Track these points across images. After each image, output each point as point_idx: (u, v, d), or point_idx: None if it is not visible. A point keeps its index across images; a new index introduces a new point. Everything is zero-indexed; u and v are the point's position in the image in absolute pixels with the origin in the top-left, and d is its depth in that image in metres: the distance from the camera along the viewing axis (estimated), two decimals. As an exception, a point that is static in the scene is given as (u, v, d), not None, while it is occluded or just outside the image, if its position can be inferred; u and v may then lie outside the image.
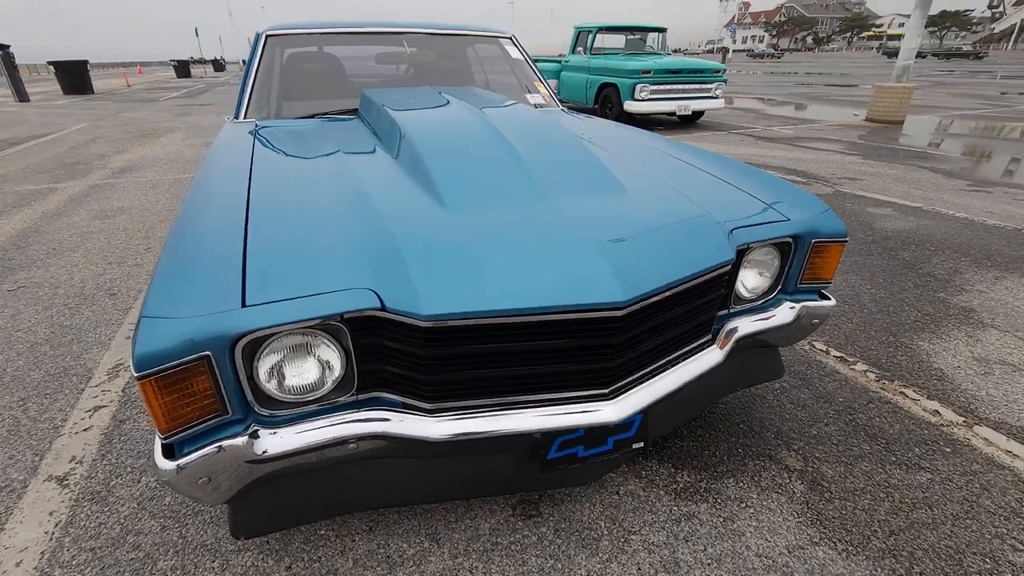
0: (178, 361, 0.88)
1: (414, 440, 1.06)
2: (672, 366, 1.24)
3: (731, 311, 1.43)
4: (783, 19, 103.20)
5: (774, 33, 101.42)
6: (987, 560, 1.25)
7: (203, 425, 0.97)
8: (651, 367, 1.21)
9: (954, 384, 1.90)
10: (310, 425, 1.04)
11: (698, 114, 8.66)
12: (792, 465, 1.54)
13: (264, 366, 1.00)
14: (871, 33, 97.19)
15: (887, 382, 1.92)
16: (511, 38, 2.79)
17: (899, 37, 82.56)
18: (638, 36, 9.10)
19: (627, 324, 1.08)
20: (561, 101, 2.74)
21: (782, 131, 7.90)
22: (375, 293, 0.99)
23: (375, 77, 2.52)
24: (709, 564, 1.24)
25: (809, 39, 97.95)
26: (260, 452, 0.99)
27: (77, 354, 2.12)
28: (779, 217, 1.40)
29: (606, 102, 8.12)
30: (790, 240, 1.40)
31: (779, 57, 55.31)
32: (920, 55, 44.21)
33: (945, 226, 3.59)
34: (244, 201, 1.27)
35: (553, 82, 3.01)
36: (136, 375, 0.86)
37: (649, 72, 7.50)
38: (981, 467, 1.52)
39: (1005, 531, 1.32)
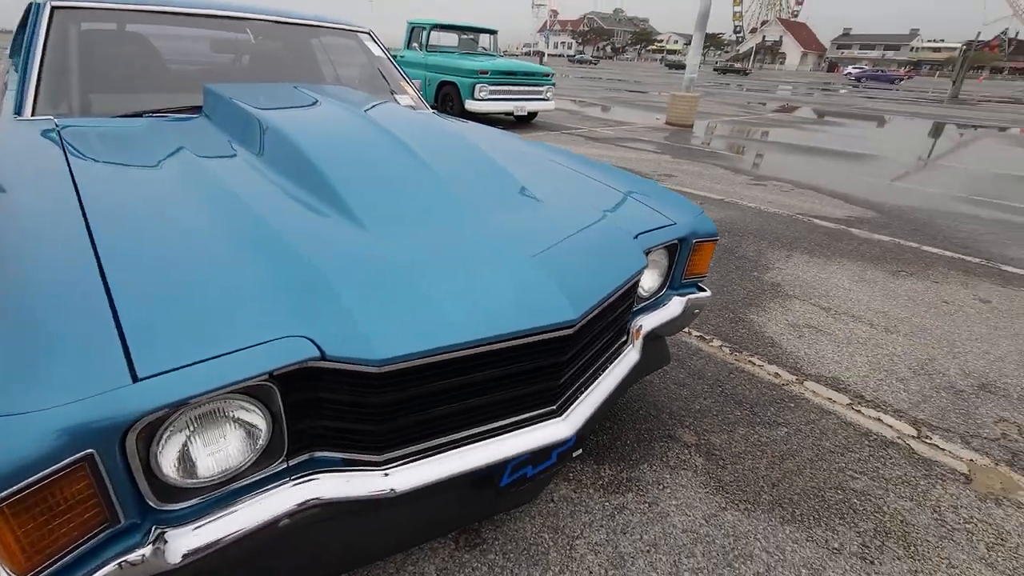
0: (50, 470, 0.64)
1: (369, 501, 0.93)
2: (602, 371, 1.29)
3: (635, 310, 1.54)
4: (586, 28, 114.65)
5: (580, 41, 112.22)
6: (839, 491, 1.56)
7: (84, 547, 0.72)
8: (586, 376, 1.25)
9: (782, 349, 2.33)
10: (234, 509, 0.84)
11: (532, 115, 9.16)
12: (688, 441, 1.73)
13: (167, 452, 0.78)
14: (655, 47, 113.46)
15: (738, 353, 2.27)
16: (369, 33, 2.60)
17: (676, 52, 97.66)
18: (470, 36, 9.25)
19: (575, 340, 1.09)
20: None
21: (605, 132, 8.78)
22: (310, 340, 0.84)
23: (209, 68, 2.13)
24: (648, 551, 1.33)
25: (608, 48, 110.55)
26: (177, 560, 0.77)
27: None
28: (667, 221, 1.55)
29: (446, 100, 8.11)
30: (677, 242, 1.55)
31: (596, 64, 61.13)
32: (716, 70, 52.80)
33: (744, 215, 4.37)
34: (80, 232, 0.97)
35: (417, 82, 2.89)
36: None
37: (487, 73, 7.69)
38: (816, 415, 1.90)
39: (844, 464, 1.67)
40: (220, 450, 0.84)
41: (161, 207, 1.11)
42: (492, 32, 9.49)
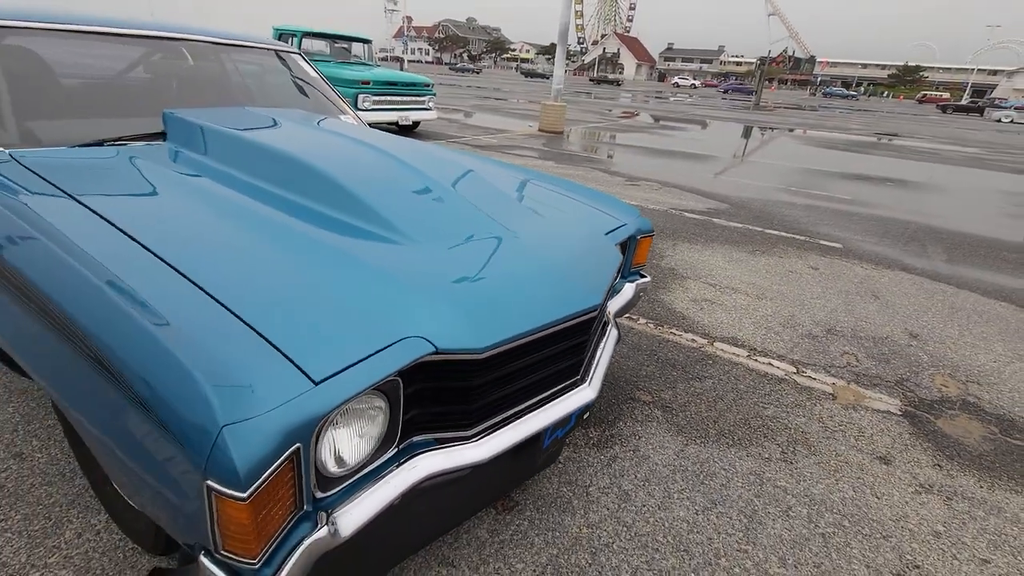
0: (277, 463, 0.76)
1: (466, 467, 1.12)
2: (599, 346, 1.60)
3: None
4: (442, 36, 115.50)
5: (437, 48, 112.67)
6: (758, 419, 2.06)
7: (284, 532, 0.83)
8: (591, 351, 1.55)
9: (691, 320, 2.87)
10: (369, 492, 0.99)
11: (416, 124, 9.25)
12: (645, 399, 2.12)
13: (326, 444, 0.91)
14: (509, 55, 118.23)
15: (661, 327, 2.75)
16: (299, 53, 2.62)
17: (529, 60, 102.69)
18: (343, 45, 9.06)
19: (596, 321, 1.38)
20: None
21: (488, 140, 9.20)
22: (425, 339, 1.02)
23: (144, 91, 2.03)
24: (643, 484, 1.67)
25: (466, 56, 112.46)
26: (347, 534, 0.91)
27: None
28: (620, 223, 1.91)
29: (326, 111, 7.87)
30: (627, 239, 1.93)
31: (479, 72, 60.50)
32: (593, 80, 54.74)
33: (630, 212, 5.03)
34: (157, 265, 1.02)
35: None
36: (244, 496, 0.71)
37: (369, 83, 7.64)
38: (729, 367, 2.42)
39: (756, 399, 2.18)
40: (356, 441, 0.98)
41: (216, 234, 1.17)
42: (366, 41, 9.39)
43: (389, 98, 8.07)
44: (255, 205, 1.33)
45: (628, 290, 1.97)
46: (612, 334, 1.68)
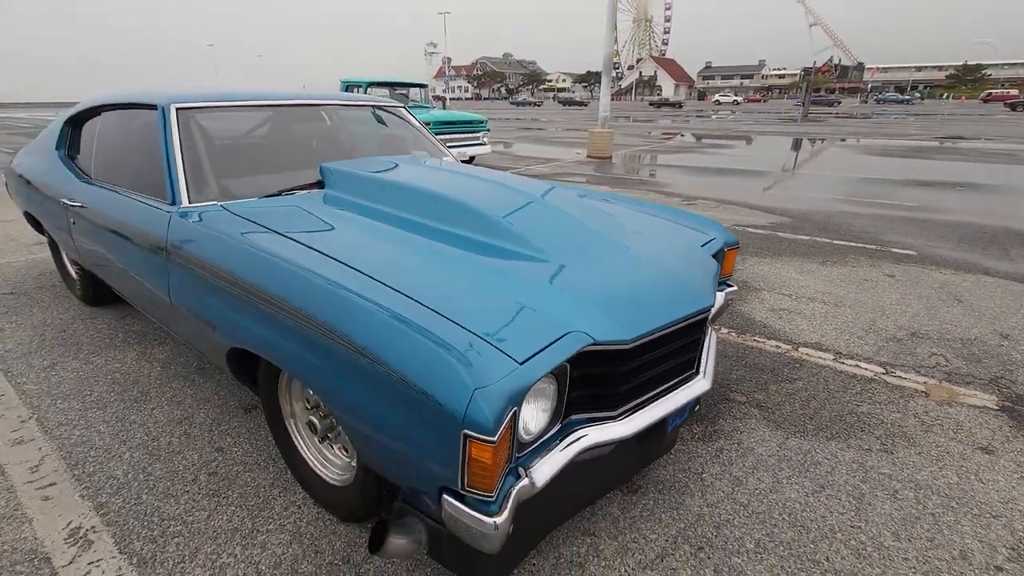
0: (508, 416, 1.02)
1: (616, 441, 1.35)
2: (705, 344, 1.81)
3: None
4: (480, 72, 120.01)
5: (475, 84, 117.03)
6: (853, 415, 2.17)
7: (503, 477, 1.09)
8: (700, 348, 1.75)
9: (772, 328, 3.00)
10: (550, 455, 1.23)
11: (472, 158, 9.79)
12: (740, 400, 2.28)
13: (523, 413, 1.17)
14: (546, 86, 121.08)
15: (743, 335, 2.90)
16: (405, 107, 3.03)
17: (565, 89, 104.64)
18: (402, 91, 9.80)
19: (707, 319, 1.59)
20: None
21: (541, 169, 9.60)
22: (584, 332, 1.27)
23: (297, 148, 2.45)
24: (752, 471, 1.83)
25: (503, 89, 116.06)
26: (540, 485, 1.15)
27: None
28: (709, 237, 2.12)
29: (393, 152, 8.51)
30: (718, 251, 2.13)
31: (539, 104, 61.63)
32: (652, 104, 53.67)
33: (693, 230, 5.18)
34: (372, 283, 1.32)
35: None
36: (494, 440, 0.98)
37: (430, 124, 8.23)
38: (816, 370, 2.54)
39: (848, 398, 2.30)
40: (538, 415, 1.24)
41: (399, 257, 1.47)
42: (423, 86, 10.12)
43: (448, 136, 8.63)
44: (415, 236, 1.65)
45: (719, 298, 2.16)
46: (712, 335, 1.88)
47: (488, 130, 9.60)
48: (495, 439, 0.98)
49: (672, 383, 1.55)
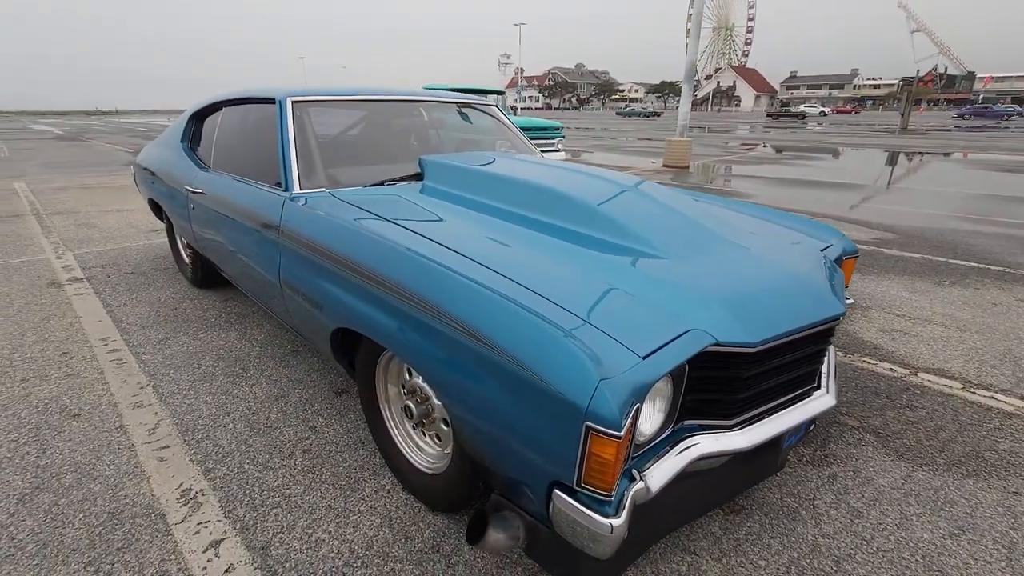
0: (631, 415, 0.95)
1: (731, 453, 1.24)
2: (826, 358, 1.64)
3: None
4: (551, 83, 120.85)
5: (547, 94, 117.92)
6: (993, 452, 1.90)
7: (619, 478, 1.02)
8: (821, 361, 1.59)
9: (884, 349, 2.72)
10: (664, 459, 1.15)
11: (546, 165, 9.81)
12: (853, 424, 2.07)
13: (642, 412, 1.09)
14: (618, 96, 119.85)
15: (851, 355, 2.64)
16: (497, 106, 3.05)
17: (637, 100, 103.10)
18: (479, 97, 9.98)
19: (835, 329, 1.44)
20: None
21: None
22: (707, 332, 1.18)
23: (397, 142, 2.52)
24: (874, 504, 1.64)
25: (574, 100, 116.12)
26: (652, 492, 1.07)
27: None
28: (827, 243, 1.94)
29: (469, 156, 8.68)
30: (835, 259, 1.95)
31: (659, 115, 56.59)
32: (770, 115, 47.70)
33: (784, 243, 4.85)
34: (487, 269, 1.30)
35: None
36: (620, 435, 0.91)
37: (508, 129, 8.32)
38: (942, 398, 2.26)
39: (985, 432, 2.02)
40: (654, 416, 1.16)
41: (510, 249, 1.45)
42: (500, 93, 10.26)
43: (525, 142, 8.68)
44: (521, 228, 1.62)
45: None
46: (831, 349, 1.71)
47: (563, 136, 9.57)
48: (620, 434, 0.92)
49: (792, 396, 1.41)
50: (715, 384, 1.24)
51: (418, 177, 2.18)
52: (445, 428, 1.53)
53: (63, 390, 2.26)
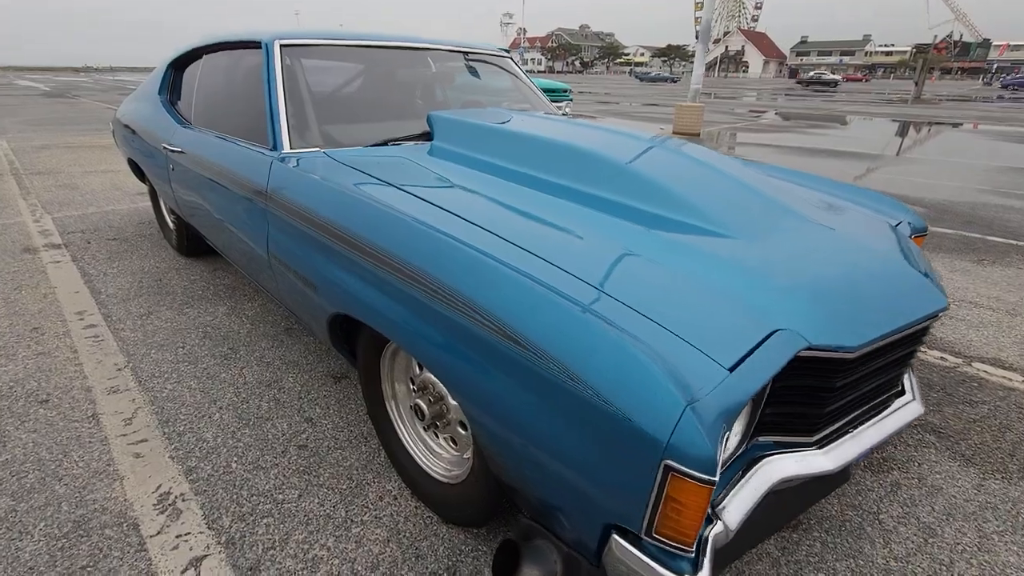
0: (724, 442, 0.73)
1: (815, 476, 1.02)
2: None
3: None
4: (555, 45, 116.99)
5: (549, 57, 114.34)
6: (1069, 457, 1.70)
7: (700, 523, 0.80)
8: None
9: (931, 335, 2.50)
10: (738, 491, 0.93)
11: (552, 129, 9.38)
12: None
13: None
14: (623, 60, 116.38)
15: (896, 342, 2.42)
16: (511, 58, 2.73)
17: (642, 64, 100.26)
18: (485, 56, 9.46)
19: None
20: None
21: (625, 143, 9.03)
22: (798, 333, 0.94)
23: (401, 96, 2.22)
24: (947, 519, 1.45)
25: (577, 63, 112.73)
26: (732, 532, 0.86)
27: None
28: (897, 220, 1.69)
29: (473, 119, 8.27)
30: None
31: (676, 81, 52.43)
32: (800, 83, 45.86)
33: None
34: (523, 251, 1.05)
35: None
36: (710, 479, 0.69)
37: (514, 91, 7.89)
38: (1004, 392, 2.05)
39: (1057, 433, 1.82)
40: (730, 437, 0.93)
41: (555, 226, 1.19)
42: (505, 52, 9.73)
43: (531, 105, 8.25)
44: (556, 199, 1.36)
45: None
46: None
47: (572, 99, 9.13)
48: (715, 477, 0.69)
49: (876, 404, 1.19)
50: (799, 394, 1.01)
51: (425, 137, 1.90)
52: (463, 432, 1.32)
53: (31, 371, 2.03)
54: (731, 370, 0.81)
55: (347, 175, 1.46)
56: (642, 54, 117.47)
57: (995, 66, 77.32)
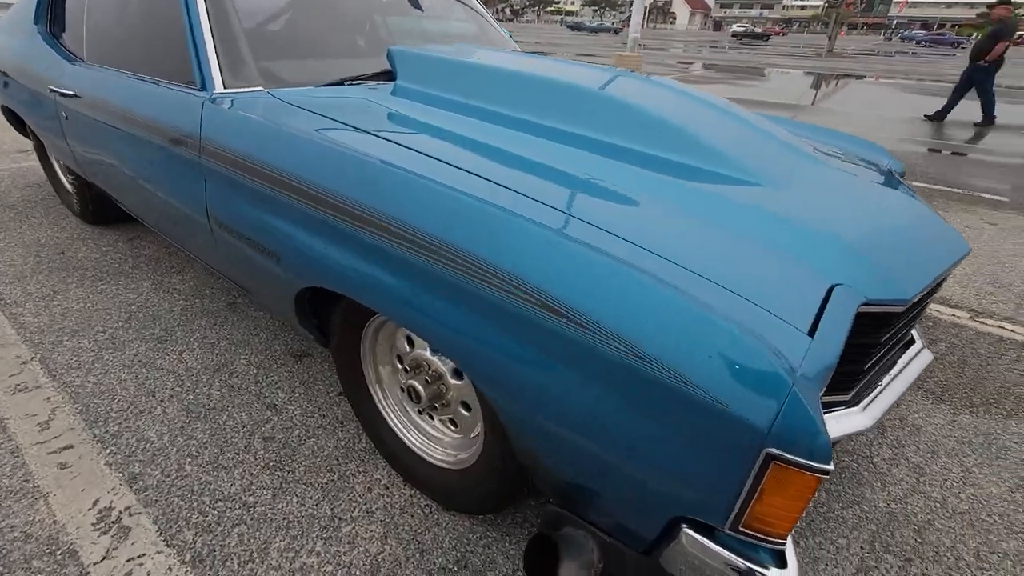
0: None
1: (851, 434, 0.98)
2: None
3: None
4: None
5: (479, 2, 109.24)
6: (1020, 387, 1.83)
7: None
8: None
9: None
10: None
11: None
12: (880, 364, 1.93)
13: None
14: (553, 8, 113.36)
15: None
16: (472, -8, 2.44)
17: (573, 13, 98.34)
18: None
19: (947, 273, 1.19)
20: None
21: (567, 94, 8.80)
22: (854, 288, 0.86)
23: (353, 27, 1.90)
24: (931, 456, 1.51)
25: (507, 11, 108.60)
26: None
27: None
28: (886, 165, 1.66)
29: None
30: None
31: (767, 39, 48.82)
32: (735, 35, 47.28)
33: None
34: (543, 206, 0.89)
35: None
36: (825, 469, 0.59)
37: (452, 36, 7.37)
38: (955, 330, 2.18)
39: (1007, 367, 1.95)
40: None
41: (572, 177, 1.03)
42: None
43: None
44: (561, 145, 1.19)
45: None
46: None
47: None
48: (830, 466, 0.60)
49: (896, 355, 1.17)
50: (844, 352, 0.95)
51: (385, 77, 1.64)
52: (465, 413, 1.18)
53: (-97, 373, 1.65)
54: (810, 334, 0.71)
55: (306, 119, 1.21)
56: (572, 2, 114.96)
57: (895, 22, 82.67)
